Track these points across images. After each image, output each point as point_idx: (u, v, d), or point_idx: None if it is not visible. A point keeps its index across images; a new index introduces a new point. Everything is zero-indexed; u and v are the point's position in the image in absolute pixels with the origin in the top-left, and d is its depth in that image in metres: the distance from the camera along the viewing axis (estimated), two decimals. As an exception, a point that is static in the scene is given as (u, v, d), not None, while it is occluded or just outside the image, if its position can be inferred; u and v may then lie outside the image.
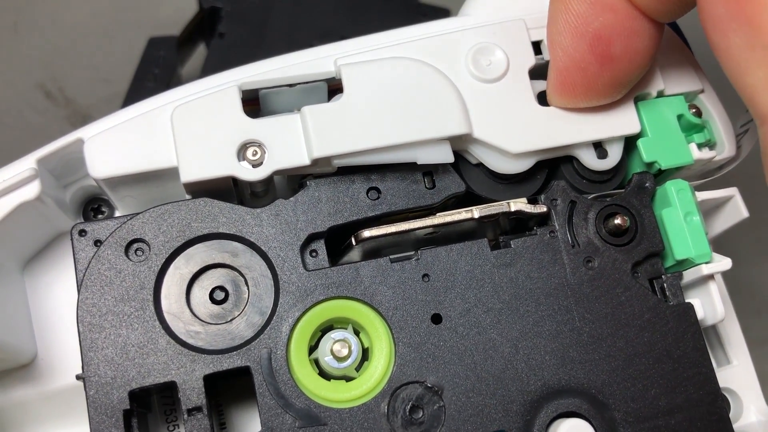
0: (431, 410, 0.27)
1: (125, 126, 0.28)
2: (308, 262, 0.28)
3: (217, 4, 0.44)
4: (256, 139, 0.27)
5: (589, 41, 0.26)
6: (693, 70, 0.30)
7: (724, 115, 0.30)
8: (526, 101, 0.29)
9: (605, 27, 0.25)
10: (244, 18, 0.45)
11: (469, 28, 0.29)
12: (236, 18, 0.45)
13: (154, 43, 0.46)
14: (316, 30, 0.43)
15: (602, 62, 0.26)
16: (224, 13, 0.45)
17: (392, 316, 0.27)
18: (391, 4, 0.45)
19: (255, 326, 0.27)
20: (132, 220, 0.27)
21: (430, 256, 0.28)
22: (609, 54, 0.26)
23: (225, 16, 0.45)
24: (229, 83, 0.28)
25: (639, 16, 0.25)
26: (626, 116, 0.29)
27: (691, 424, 0.27)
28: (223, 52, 0.44)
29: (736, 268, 0.29)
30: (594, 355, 0.27)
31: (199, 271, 0.27)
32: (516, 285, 0.28)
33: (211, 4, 0.44)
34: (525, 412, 0.27)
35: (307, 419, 0.26)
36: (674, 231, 0.28)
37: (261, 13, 0.45)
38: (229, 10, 0.45)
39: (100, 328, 0.26)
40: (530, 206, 0.28)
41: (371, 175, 0.28)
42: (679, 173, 0.30)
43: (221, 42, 0.44)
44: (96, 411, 0.25)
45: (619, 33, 0.25)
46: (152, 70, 0.45)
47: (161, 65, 0.45)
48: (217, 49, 0.44)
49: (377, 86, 0.28)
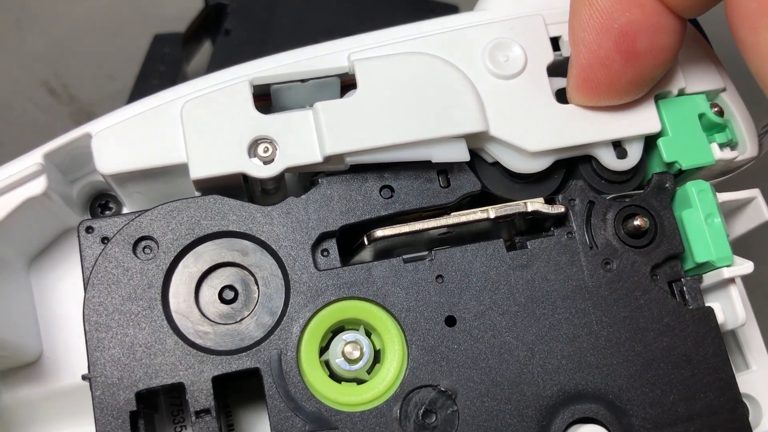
0: (445, 415, 0.26)
1: (134, 121, 0.27)
2: (319, 261, 0.27)
3: (222, 1, 0.44)
4: (267, 136, 0.27)
5: (615, 38, 0.25)
6: (715, 68, 0.30)
7: (746, 115, 0.30)
8: (544, 99, 0.28)
9: (632, 23, 0.25)
10: (250, 15, 0.44)
11: (486, 23, 0.29)
12: (242, 15, 0.44)
13: (160, 40, 0.45)
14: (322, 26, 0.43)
15: (627, 59, 0.25)
16: (230, 9, 0.44)
17: (405, 317, 0.27)
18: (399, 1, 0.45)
19: (265, 327, 0.26)
20: (140, 217, 0.27)
21: (445, 256, 0.27)
22: (634, 51, 0.25)
23: (231, 12, 0.44)
24: (240, 78, 0.28)
25: (665, 12, 0.25)
26: (647, 115, 0.28)
27: (711, 431, 0.26)
28: (229, 48, 0.44)
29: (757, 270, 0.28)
30: (612, 360, 0.27)
31: (208, 270, 0.27)
32: (532, 287, 0.27)
33: (216, 0, 0.44)
34: (541, 417, 0.26)
35: (318, 423, 0.25)
36: (695, 233, 0.28)
37: (267, 10, 0.44)
38: (234, 7, 0.44)
39: (106, 328, 0.26)
40: (547, 206, 0.28)
41: (384, 173, 0.28)
42: (699, 173, 0.29)
43: (227, 39, 0.44)
44: (102, 412, 0.25)
45: (646, 29, 0.25)
46: (157, 67, 0.44)
47: (166, 62, 0.44)
48: (223, 46, 0.44)
49: (391, 82, 0.27)
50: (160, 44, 0.45)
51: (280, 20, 0.44)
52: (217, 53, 0.44)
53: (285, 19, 0.44)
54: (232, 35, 0.44)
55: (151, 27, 0.49)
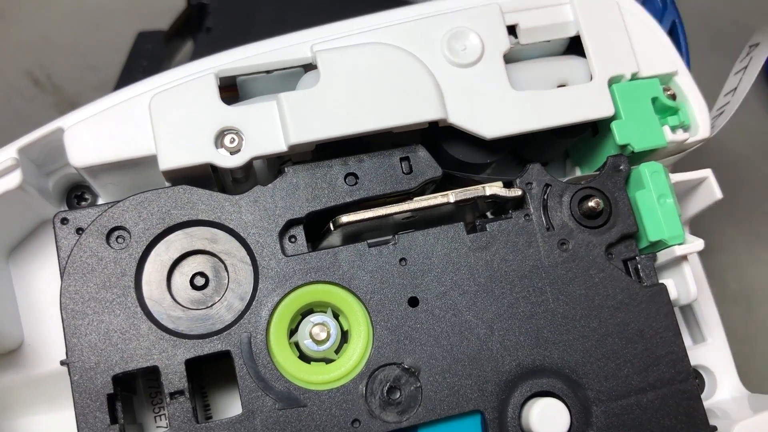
0: (408, 391, 0.27)
1: (104, 115, 0.28)
2: (287, 247, 0.28)
3: (204, 0, 0.45)
4: (233, 127, 0.28)
5: None
6: (667, 52, 0.31)
7: (698, 97, 0.31)
8: (501, 86, 0.29)
9: None
10: (231, 13, 0.45)
11: (444, 12, 0.30)
12: (223, 13, 0.45)
13: (143, 37, 0.46)
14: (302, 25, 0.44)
15: None
16: (211, 9, 0.45)
17: (370, 299, 0.28)
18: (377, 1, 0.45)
19: (235, 311, 0.27)
20: (112, 208, 0.28)
21: (407, 240, 0.28)
22: None
23: (212, 11, 0.45)
24: (207, 70, 0.29)
25: None
26: (600, 99, 0.29)
27: (663, 402, 0.28)
28: (210, 45, 0.44)
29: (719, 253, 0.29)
30: (568, 336, 0.28)
31: (180, 258, 0.28)
32: (491, 268, 0.28)
33: (198, 0, 0.45)
34: (500, 391, 0.27)
35: (287, 401, 0.27)
36: (648, 213, 0.29)
37: (247, 9, 0.45)
38: (216, 6, 0.45)
39: (83, 315, 0.27)
40: (505, 190, 0.29)
41: (349, 161, 0.29)
42: (653, 154, 0.30)
43: (208, 36, 0.45)
44: (80, 395, 0.26)
45: None
46: (141, 63, 0.45)
47: (150, 58, 0.45)
48: (203, 43, 0.45)
49: (353, 72, 0.28)
50: (144, 41, 0.46)
51: (259, 18, 0.45)
52: (198, 50, 0.45)
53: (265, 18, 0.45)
54: (212, 33, 0.44)
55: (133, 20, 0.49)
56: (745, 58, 0.31)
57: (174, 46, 0.48)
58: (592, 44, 0.30)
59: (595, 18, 0.30)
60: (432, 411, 0.27)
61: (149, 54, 0.45)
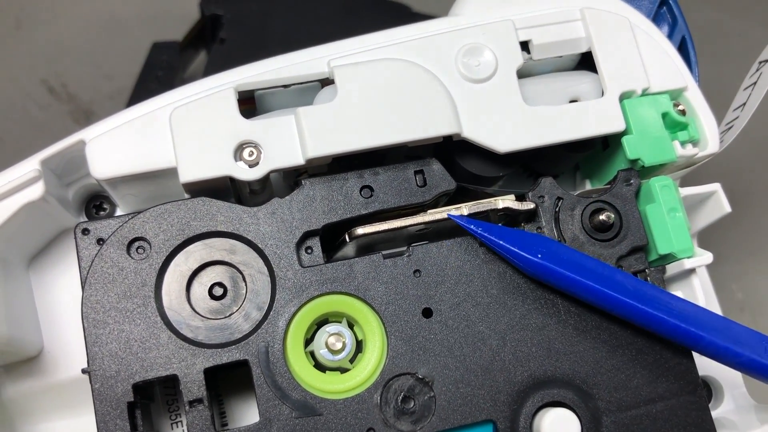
0: (422, 400, 0.28)
1: (125, 127, 0.29)
2: (303, 258, 0.29)
3: (218, 12, 0.45)
4: (252, 140, 0.28)
5: None
6: (677, 68, 0.31)
7: (708, 113, 0.31)
8: (514, 101, 0.29)
9: None
10: (244, 24, 0.46)
11: (458, 28, 0.30)
12: (236, 24, 0.46)
13: (158, 48, 0.47)
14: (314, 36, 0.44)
15: None
16: (225, 20, 0.46)
17: (385, 310, 0.28)
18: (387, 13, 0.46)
19: (253, 321, 0.28)
20: (133, 219, 0.28)
21: (422, 252, 0.29)
22: None
23: (226, 23, 0.46)
24: (226, 85, 0.29)
25: None
26: (612, 114, 0.30)
27: (672, 412, 0.28)
28: (224, 56, 0.45)
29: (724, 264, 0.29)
30: (579, 347, 0.28)
31: (199, 268, 0.28)
32: (504, 279, 0.29)
33: (212, 11, 0.45)
34: (512, 401, 0.28)
35: (303, 410, 0.27)
36: (658, 226, 0.29)
37: (260, 20, 0.46)
38: (229, 18, 0.46)
39: (104, 324, 0.27)
40: (518, 203, 0.29)
41: (364, 174, 0.29)
42: (663, 168, 0.31)
43: (222, 47, 0.45)
44: (101, 403, 0.26)
45: None
46: (156, 73, 0.46)
47: (165, 68, 0.46)
48: (217, 54, 0.45)
49: (369, 87, 0.29)
50: (159, 51, 0.47)
51: (272, 30, 0.45)
52: (212, 61, 0.45)
53: (278, 29, 0.45)
54: (226, 44, 0.45)
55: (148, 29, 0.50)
56: (755, 74, 0.31)
57: (188, 56, 0.48)
58: (604, 60, 0.30)
59: (606, 34, 0.31)
60: (445, 420, 0.27)
61: (164, 64, 0.45)
